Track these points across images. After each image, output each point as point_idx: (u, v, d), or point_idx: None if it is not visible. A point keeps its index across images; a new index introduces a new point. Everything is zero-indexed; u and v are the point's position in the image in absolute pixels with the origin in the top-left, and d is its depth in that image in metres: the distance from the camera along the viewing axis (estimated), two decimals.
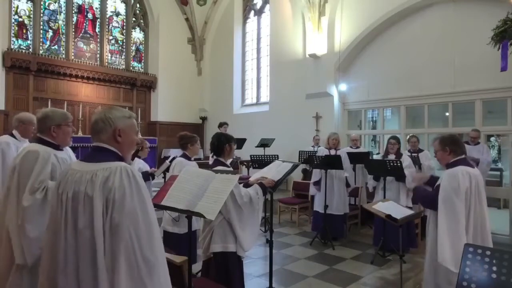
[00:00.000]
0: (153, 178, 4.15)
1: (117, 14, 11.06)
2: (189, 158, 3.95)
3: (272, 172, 2.91)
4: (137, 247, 1.41)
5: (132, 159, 3.81)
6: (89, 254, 1.42)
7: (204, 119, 12.24)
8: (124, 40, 11.21)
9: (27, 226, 2.16)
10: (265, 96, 10.84)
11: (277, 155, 6.55)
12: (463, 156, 2.83)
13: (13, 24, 9.02)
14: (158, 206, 2.25)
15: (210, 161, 6.85)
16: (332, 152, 5.66)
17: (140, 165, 4.10)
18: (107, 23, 10.75)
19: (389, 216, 3.29)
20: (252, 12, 11.44)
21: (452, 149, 2.82)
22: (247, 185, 2.80)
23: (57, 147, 2.43)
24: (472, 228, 2.70)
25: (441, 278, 2.76)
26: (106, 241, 1.41)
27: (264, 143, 7.93)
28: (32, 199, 2.19)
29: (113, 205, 1.42)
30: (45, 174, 2.26)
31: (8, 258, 2.21)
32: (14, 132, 3.48)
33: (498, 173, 9.27)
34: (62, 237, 1.48)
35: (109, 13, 10.82)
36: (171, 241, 3.65)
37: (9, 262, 2.21)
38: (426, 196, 2.95)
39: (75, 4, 10.06)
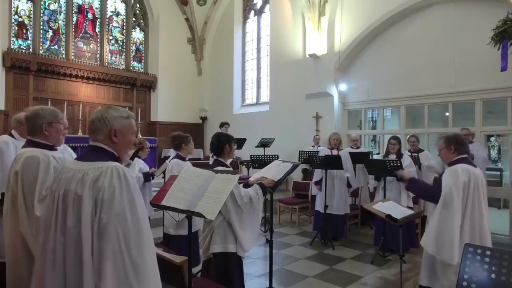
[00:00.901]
0: (152, 178, 4.14)
1: (117, 14, 11.06)
2: (183, 159, 3.92)
3: (272, 172, 2.91)
4: (125, 249, 1.39)
5: (132, 159, 3.80)
6: (76, 253, 1.41)
7: (204, 119, 12.24)
8: (124, 40, 11.21)
9: None
10: (265, 96, 10.84)
11: (277, 155, 6.54)
12: (465, 155, 2.87)
13: (13, 24, 9.02)
14: (158, 206, 2.25)
15: (211, 161, 6.85)
16: (334, 152, 5.67)
17: (140, 165, 4.10)
18: (107, 23, 10.75)
19: (389, 216, 3.30)
20: (252, 12, 11.43)
21: (456, 148, 2.89)
22: (247, 185, 2.80)
23: (52, 148, 2.38)
24: (469, 227, 2.71)
25: (439, 273, 2.79)
26: (94, 242, 1.40)
27: (264, 143, 7.93)
28: (43, 207, 2.15)
29: (101, 206, 1.41)
30: (49, 179, 2.21)
31: (23, 264, 2.19)
32: (13, 132, 3.47)
33: (498, 173, 9.28)
34: (51, 235, 1.48)
35: (109, 13, 10.82)
36: (173, 243, 3.63)
37: (25, 268, 2.19)
38: (427, 189, 3.03)
39: (75, 4, 10.06)
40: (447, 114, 7.45)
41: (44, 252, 1.49)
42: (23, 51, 9.12)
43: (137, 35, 11.52)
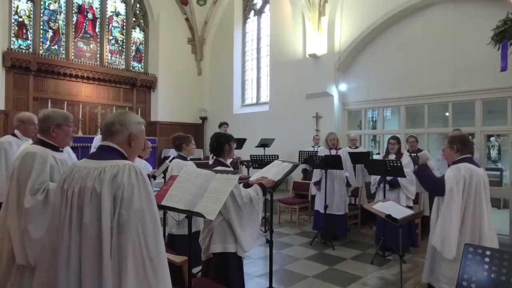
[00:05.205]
0: (154, 179, 4.14)
1: (117, 14, 11.06)
2: (185, 158, 3.91)
3: (272, 172, 2.92)
4: (144, 245, 1.42)
5: None
6: (94, 250, 1.42)
7: (204, 119, 12.25)
8: (124, 40, 11.21)
9: (29, 227, 2.15)
10: (265, 96, 10.84)
11: (277, 155, 6.55)
12: (469, 155, 2.88)
13: (13, 24, 9.02)
14: (158, 206, 2.24)
15: (210, 161, 6.85)
16: (333, 152, 5.66)
17: (141, 165, 4.09)
18: (107, 23, 10.75)
19: (389, 216, 3.29)
20: (252, 12, 11.44)
21: (459, 147, 2.91)
22: (247, 185, 2.80)
23: (57, 148, 2.43)
24: (470, 227, 2.72)
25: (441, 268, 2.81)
26: (113, 239, 1.41)
27: (264, 143, 7.93)
28: (33, 200, 2.18)
29: (121, 203, 1.43)
30: (44, 174, 2.25)
31: (10, 259, 2.21)
32: (16, 131, 3.54)
33: (498, 173, 9.29)
34: (66, 233, 1.47)
35: (109, 13, 10.83)
36: (176, 242, 3.63)
37: (11, 263, 2.20)
38: (433, 179, 3.01)
39: (75, 4, 10.06)
40: (447, 114, 7.45)
41: (55, 252, 1.48)
42: (23, 51, 9.12)
43: (137, 35, 11.52)
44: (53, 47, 9.70)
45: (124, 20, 11.20)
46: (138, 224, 1.42)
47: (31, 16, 9.32)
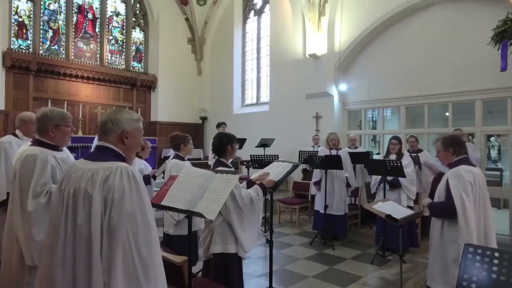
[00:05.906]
0: (154, 179, 4.13)
1: (117, 14, 11.06)
2: (182, 159, 3.90)
3: (273, 172, 2.92)
4: (135, 247, 1.41)
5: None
6: (86, 251, 1.43)
7: (204, 119, 12.25)
8: (124, 40, 11.21)
9: (33, 230, 2.16)
10: (265, 96, 10.84)
11: (277, 155, 6.56)
12: (465, 155, 2.86)
13: (13, 24, 9.02)
14: (158, 206, 2.25)
15: (210, 161, 6.85)
16: (334, 152, 5.66)
17: (141, 165, 4.08)
18: (107, 23, 10.75)
19: (389, 216, 3.29)
20: (252, 12, 11.44)
21: (456, 149, 2.86)
22: (250, 182, 2.81)
23: (56, 148, 2.43)
24: (476, 228, 2.71)
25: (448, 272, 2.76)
26: (104, 241, 1.41)
27: (264, 143, 7.93)
28: (36, 204, 2.18)
29: (111, 205, 1.43)
30: (46, 177, 2.25)
31: (18, 260, 2.22)
32: (17, 131, 3.53)
33: (498, 173, 9.29)
34: (61, 232, 1.49)
35: (109, 13, 10.83)
36: (174, 243, 3.63)
37: (20, 264, 2.22)
38: (442, 208, 2.85)
39: (75, 4, 10.06)
40: (447, 114, 7.45)
41: (53, 250, 1.50)
42: (23, 51, 9.12)
43: (137, 35, 11.52)
44: (53, 47, 9.69)
45: (124, 20, 11.20)
46: (128, 227, 1.42)
47: (31, 16, 9.32)
